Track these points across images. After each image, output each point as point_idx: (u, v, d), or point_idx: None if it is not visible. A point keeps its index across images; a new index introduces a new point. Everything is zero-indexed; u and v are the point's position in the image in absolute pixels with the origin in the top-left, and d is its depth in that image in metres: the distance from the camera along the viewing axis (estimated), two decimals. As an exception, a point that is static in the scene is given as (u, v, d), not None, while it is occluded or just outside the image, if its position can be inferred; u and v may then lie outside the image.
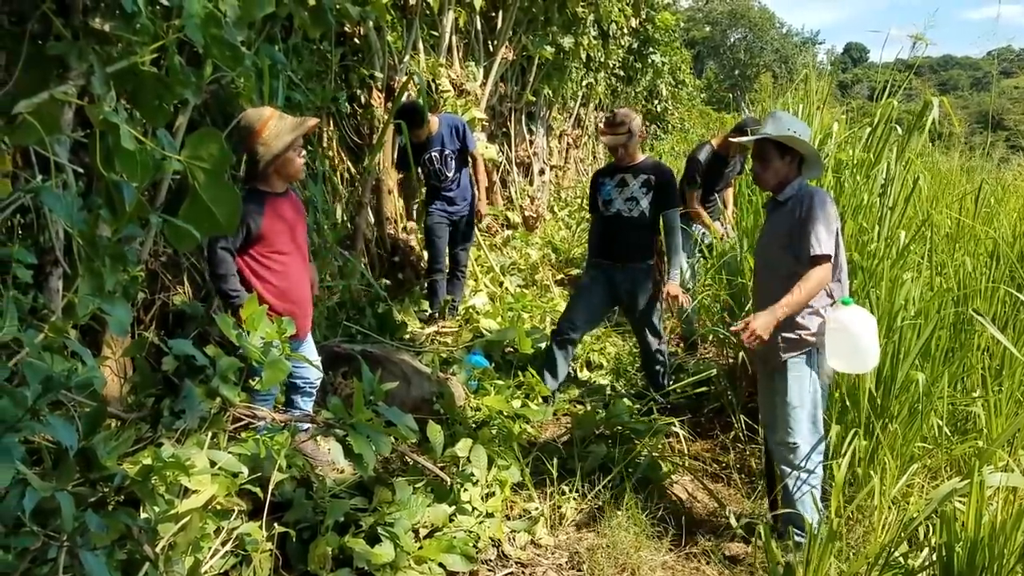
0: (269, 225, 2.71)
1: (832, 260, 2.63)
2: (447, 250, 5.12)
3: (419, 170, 4.98)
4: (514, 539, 2.87)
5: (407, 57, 5.12)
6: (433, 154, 4.90)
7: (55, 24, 1.68)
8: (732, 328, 2.77)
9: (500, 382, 3.91)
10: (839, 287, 2.72)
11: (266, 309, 2.39)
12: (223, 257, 2.61)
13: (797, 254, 2.64)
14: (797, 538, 2.69)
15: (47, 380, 1.34)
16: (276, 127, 2.65)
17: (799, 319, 2.68)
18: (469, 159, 5.11)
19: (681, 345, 5.17)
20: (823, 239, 2.59)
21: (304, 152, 2.81)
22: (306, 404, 3.04)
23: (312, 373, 2.99)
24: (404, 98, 4.63)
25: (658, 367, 4.02)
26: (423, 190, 5.36)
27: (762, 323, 2.56)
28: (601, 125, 4.00)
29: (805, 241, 2.60)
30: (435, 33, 5.78)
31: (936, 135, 7.74)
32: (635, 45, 12.69)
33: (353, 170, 4.94)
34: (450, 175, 4.96)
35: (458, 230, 5.10)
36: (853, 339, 2.58)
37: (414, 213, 5.69)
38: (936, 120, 3.59)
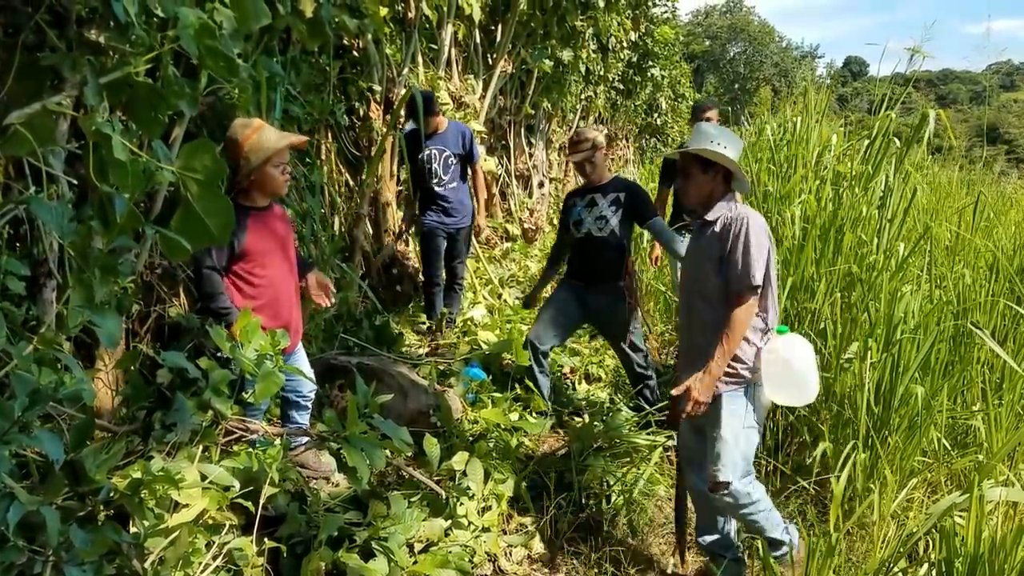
0: (252, 241, 2.67)
1: (760, 289, 2.47)
2: (443, 262, 5.05)
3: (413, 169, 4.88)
4: (510, 554, 2.84)
5: (406, 70, 5.14)
6: (433, 151, 4.74)
7: (49, 35, 1.68)
8: (672, 392, 2.56)
9: (497, 395, 3.89)
10: (773, 313, 2.57)
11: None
12: (210, 276, 2.58)
13: (726, 279, 2.47)
14: (778, 553, 2.62)
15: (34, 392, 1.33)
16: (259, 140, 2.58)
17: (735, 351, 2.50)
18: (469, 171, 5.06)
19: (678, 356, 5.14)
20: (756, 268, 2.41)
21: (289, 167, 2.76)
22: (302, 417, 3.02)
23: (305, 386, 2.96)
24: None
25: (646, 382, 3.98)
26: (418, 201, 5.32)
27: (703, 387, 2.43)
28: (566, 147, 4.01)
29: (734, 269, 2.43)
30: (434, 46, 5.82)
31: (935, 148, 7.77)
32: (634, 59, 12.76)
33: (352, 182, 4.94)
34: (445, 179, 4.80)
35: (455, 243, 4.99)
36: (791, 370, 2.47)
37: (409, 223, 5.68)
38: (932, 132, 3.60)
